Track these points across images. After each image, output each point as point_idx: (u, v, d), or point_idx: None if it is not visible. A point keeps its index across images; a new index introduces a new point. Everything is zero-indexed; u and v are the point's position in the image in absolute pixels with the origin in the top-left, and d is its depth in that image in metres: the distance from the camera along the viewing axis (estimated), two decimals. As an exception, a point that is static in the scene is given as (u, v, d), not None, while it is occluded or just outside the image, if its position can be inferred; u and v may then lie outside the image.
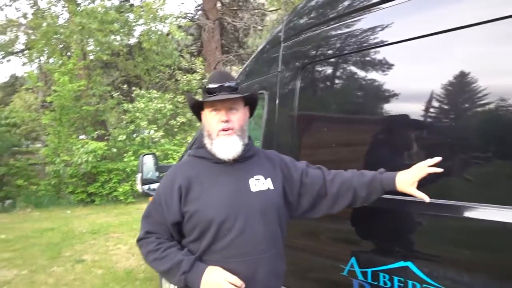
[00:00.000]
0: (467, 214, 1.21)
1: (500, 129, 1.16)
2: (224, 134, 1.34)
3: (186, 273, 1.27)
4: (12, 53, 12.65)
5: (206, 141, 1.39)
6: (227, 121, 1.34)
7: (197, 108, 1.44)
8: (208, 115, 1.38)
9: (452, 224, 1.27)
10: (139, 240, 1.42)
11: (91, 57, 10.96)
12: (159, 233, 1.38)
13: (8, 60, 13.03)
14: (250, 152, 1.42)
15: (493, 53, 1.19)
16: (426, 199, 1.24)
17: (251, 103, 1.47)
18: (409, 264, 1.33)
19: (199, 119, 1.47)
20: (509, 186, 1.14)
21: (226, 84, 1.34)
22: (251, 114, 1.50)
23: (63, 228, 6.28)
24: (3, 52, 12.22)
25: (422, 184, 1.27)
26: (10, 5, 11.40)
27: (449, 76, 1.27)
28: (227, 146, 1.34)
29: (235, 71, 11.08)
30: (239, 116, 1.38)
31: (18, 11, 13.59)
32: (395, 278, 1.37)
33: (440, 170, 1.23)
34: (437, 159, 1.24)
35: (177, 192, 1.33)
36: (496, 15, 1.13)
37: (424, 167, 1.26)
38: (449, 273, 1.24)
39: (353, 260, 1.53)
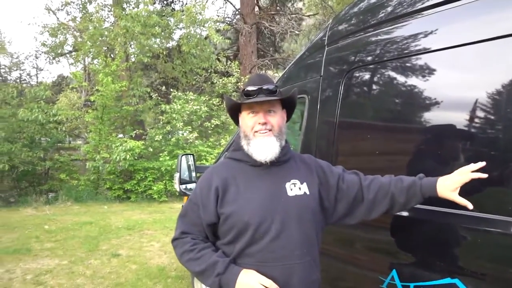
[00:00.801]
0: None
1: None
2: (262, 134, 1.33)
3: (221, 275, 1.25)
4: (61, 55, 13.47)
5: (243, 142, 1.38)
6: (265, 123, 1.34)
7: (234, 111, 1.45)
8: (246, 117, 1.38)
9: (504, 240, 1.19)
10: (174, 240, 1.42)
11: (133, 59, 11.41)
12: (194, 234, 1.38)
13: (58, 61, 13.89)
14: (287, 156, 1.41)
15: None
16: (469, 206, 1.19)
17: (289, 106, 1.47)
18: (456, 281, 1.26)
19: (236, 122, 1.48)
20: None
21: (265, 87, 1.34)
22: (288, 118, 1.49)
23: (101, 222, 6.55)
24: (53, 53, 13.03)
25: (474, 198, 1.21)
26: (62, 9, 12.14)
27: (493, 84, 1.22)
28: (264, 147, 1.33)
29: (270, 75, 11.12)
30: (277, 118, 1.37)
31: (68, 14, 14.43)
32: (440, 295, 1.31)
33: (484, 175, 1.17)
34: (481, 164, 1.18)
35: (214, 193, 1.33)
36: None
37: (467, 172, 1.20)
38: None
39: (394, 272, 1.47)
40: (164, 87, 12.70)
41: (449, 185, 1.24)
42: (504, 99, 1.21)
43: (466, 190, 1.22)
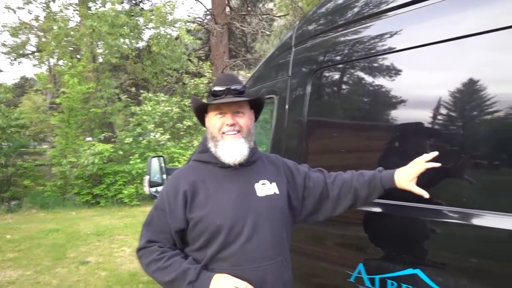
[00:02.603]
0: (477, 221, 1.20)
1: (509, 135, 1.16)
2: (230, 136, 1.31)
3: (193, 282, 1.21)
4: (23, 55, 12.85)
5: (210, 144, 1.35)
6: (233, 124, 1.32)
7: (201, 111, 1.42)
8: (213, 118, 1.36)
9: (462, 231, 1.25)
10: (139, 249, 1.35)
11: (100, 60, 11.08)
12: (161, 241, 1.32)
13: (20, 62, 13.24)
14: (255, 157, 1.41)
15: (498, 61, 1.19)
16: (426, 195, 1.24)
17: (257, 107, 1.46)
18: (418, 271, 1.31)
19: (202, 122, 1.45)
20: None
21: (233, 87, 1.32)
22: (256, 118, 1.49)
23: (68, 229, 6.30)
24: (15, 54, 12.42)
25: (435, 191, 1.27)
26: (23, 8, 11.59)
27: (455, 83, 1.27)
28: (232, 149, 1.31)
29: (242, 75, 11.13)
30: (245, 119, 1.36)
31: (30, 13, 13.79)
32: (403, 286, 1.35)
33: (437, 164, 1.23)
34: (434, 153, 1.24)
35: (182, 197, 1.29)
36: (501, 24, 1.14)
37: (421, 162, 1.25)
38: (459, 282, 1.23)
39: (360, 266, 1.52)
40: (134, 89, 12.39)
41: (406, 176, 1.29)
42: (464, 97, 1.26)
43: (424, 184, 1.28)
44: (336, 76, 1.81)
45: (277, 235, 1.32)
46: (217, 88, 1.33)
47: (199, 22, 13.28)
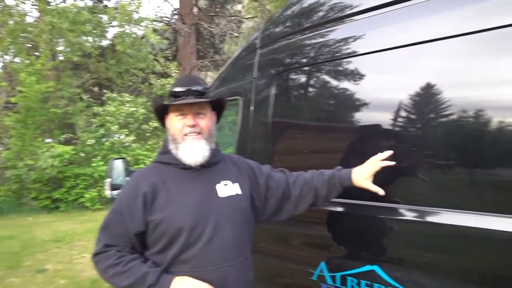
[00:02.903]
0: (431, 219, 1.26)
1: (462, 137, 1.23)
2: (191, 138, 1.30)
3: (152, 286, 1.19)
4: (-26, 51, 11.99)
5: (171, 146, 1.33)
6: (194, 126, 1.30)
7: (161, 112, 1.39)
8: (174, 119, 1.33)
9: (416, 228, 1.32)
10: (96, 254, 1.30)
11: (61, 58, 10.58)
12: (119, 246, 1.28)
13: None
14: (217, 158, 1.40)
15: (454, 67, 1.26)
16: (381, 192, 1.30)
17: (218, 108, 1.45)
18: (375, 268, 1.36)
19: (162, 124, 1.42)
20: (470, 192, 1.21)
21: (193, 88, 1.30)
22: (218, 119, 1.48)
23: (24, 236, 5.95)
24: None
25: (391, 190, 1.32)
26: (-26, 1, 10.84)
27: (414, 86, 1.33)
28: (194, 151, 1.29)
29: (211, 77, 11.06)
30: (206, 121, 1.34)
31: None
32: (362, 282, 1.40)
33: (392, 163, 1.29)
34: (388, 152, 1.30)
35: (141, 199, 1.26)
36: (462, 30, 1.20)
37: (377, 161, 1.31)
38: (414, 277, 1.28)
39: (322, 265, 1.55)
40: (97, 88, 11.95)
41: (362, 175, 1.34)
42: (422, 100, 1.32)
43: (381, 183, 1.33)
44: (301, 78, 1.84)
45: (238, 236, 1.32)
46: (177, 89, 1.31)
47: (166, 22, 13.05)
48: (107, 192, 2.67)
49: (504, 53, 1.14)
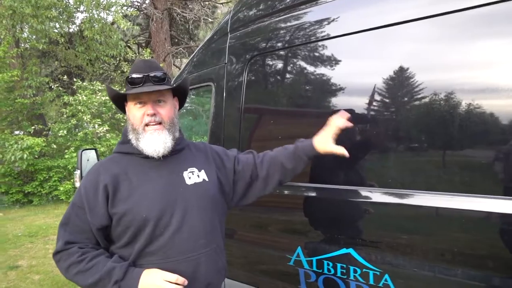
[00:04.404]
0: (403, 200, 1.27)
1: (434, 119, 1.24)
2: (153, 129, 1.23)
3: (120, 281, 1.14)
4: None
5: (131, 136, 1.27)
6: (154, 115, 1.24)
7: (120, 100, 1.32)
8: (132, 108, 1.26)
9: (389, 211, 1.33)
10: (56, 253, 1.22)
11: (26, 46, 10.04)
12: (81, 242, 1.22)
13: None
14: (181, 145, 1.35)
15: (428, 49, 1.26)
16: (345, 153, 1.29)
17: (181, 94, 1.39)
18: (350, 250, 1.38)
19: (123, 111, 1.34)
20: (441, 174, 1.22)
21: (152, 74, 1.23)
22: (181, 106, 1.43)
23: (-5, 232, 5.74)
24: None
25: (363, 174, 1.32)
26: None
27: (393, 69, 1.32)
28: (155, 142, 1.23)
29: (185, 63, 10.78)
30: (167, 109, 1.28)
31: None
32: (338, 265, 1.41)
33: (350, 124, 1.29)
34: (344, 113, 1.31)
35: (102, 192, 1.20)
36: (434, 11, 1.20)
37: (334, 124, 1.31)
38: (386, 257, 1.30)
39: (299, 250, 1.55)
40: (66, 77, 11.45)
41: (323, 140, 1.33)
42: (396, 83, 1.32)
43: (352, 167, 1.33)
44: (272, 63, 1.80)
45: (209, 223, 1.28)
46: (134, 76, 1.22)
47: (137, 7, 12.58)
48: (77, 184, 2.57)
49: (472, 36, 1.14)
